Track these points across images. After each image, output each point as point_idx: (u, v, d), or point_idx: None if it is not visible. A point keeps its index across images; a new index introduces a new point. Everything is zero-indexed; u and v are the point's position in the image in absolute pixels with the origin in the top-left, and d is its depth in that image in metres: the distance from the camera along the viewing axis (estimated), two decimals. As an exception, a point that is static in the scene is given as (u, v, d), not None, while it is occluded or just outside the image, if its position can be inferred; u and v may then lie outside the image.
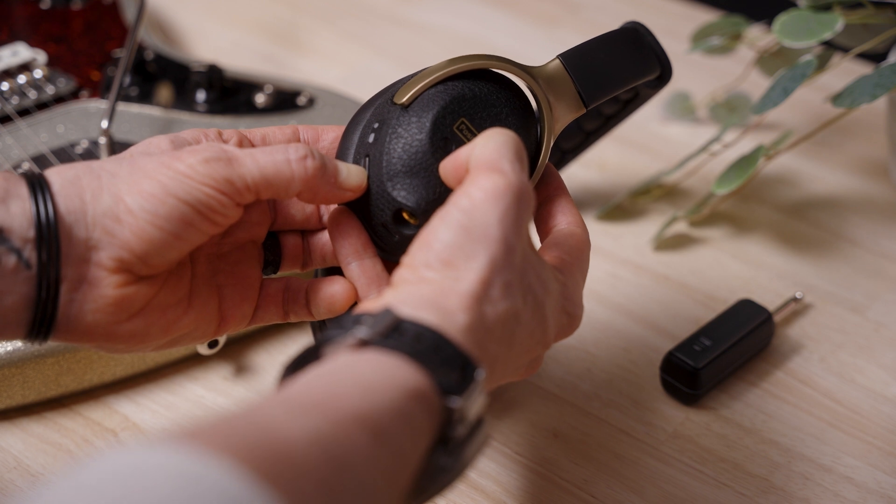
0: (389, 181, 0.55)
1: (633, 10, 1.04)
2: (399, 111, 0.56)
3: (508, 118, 0.57)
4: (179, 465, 0.37)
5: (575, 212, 0.58)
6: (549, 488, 0.64)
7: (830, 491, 0.64)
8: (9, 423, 0.67)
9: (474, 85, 0.57)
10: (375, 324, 0.47)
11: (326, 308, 0.58)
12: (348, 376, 0.45)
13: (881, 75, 0.71)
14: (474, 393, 0.47)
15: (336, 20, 1.03)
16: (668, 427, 0.67)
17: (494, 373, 0.50)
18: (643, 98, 0.70)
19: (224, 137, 0.57)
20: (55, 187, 0.51)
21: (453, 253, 0.49)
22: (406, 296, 0.48)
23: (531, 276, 0.51)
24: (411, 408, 0.44)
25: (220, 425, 0.40)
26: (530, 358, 0.54)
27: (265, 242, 0.59)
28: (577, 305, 0.55)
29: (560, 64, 0.59)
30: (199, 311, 0.56)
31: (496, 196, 0.49)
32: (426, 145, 0.55)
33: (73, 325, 0.52)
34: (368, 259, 0.57)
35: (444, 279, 0.49)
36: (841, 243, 0.80)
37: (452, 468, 0.46)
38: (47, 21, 0.89)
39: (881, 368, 0.71)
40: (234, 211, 0.53)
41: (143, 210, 0.51)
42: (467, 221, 0.49)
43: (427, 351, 0.46)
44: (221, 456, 0.37)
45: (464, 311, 0.48)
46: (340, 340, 0.47)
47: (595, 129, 0.75)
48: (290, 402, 0.43)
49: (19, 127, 0.78)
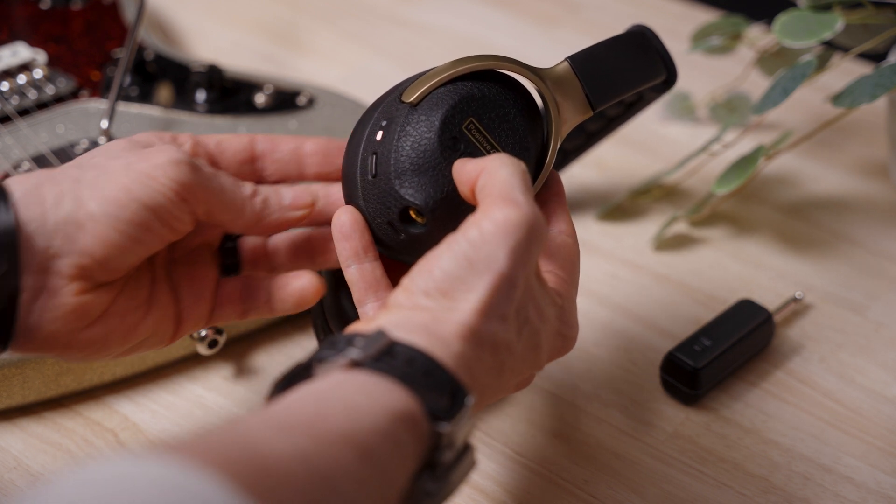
0: (397, 179, 0.55)
1: (633, 9, 1.04)
2: (408, 109, 0.56)
3: (516, 119, 0.57)
4: (162, 475, 0.37)
5: (569, 220, 0.57)
6: (549, 488, 0.64)
7: (830, 491, 0.64)
8: (9, 423, 0.67)
9: (483, 85, 0.57)
10: (367, 346, 0.46)
11: (295, 303, 0.58)
12: (337, 396, 0.45)
13: (881, 75, 0.71)
14: (463, 419, 0.46)
15: (336, 20, 1.03)
16: (668, 427, 0.67)
17: (483, 398, 0.50)
18: (647, 101, 0.70)
19: (179, 141, 0.58)
20: (16, 195, 0.51)
21: (453, 284, 0.49)
22: (400, 320, 0.48)
23: (530, 307, 0.51)
24: (399, 430, 0.44)
25: (204, 438, 0.40)
26: (520, 380, 0.54)
27: (223, 246, 0.59)
28: (573, 327, 0.55)
29: (568, 66, 0.58)
30: (158, 315, 0.56)
31: (508, 230, 0.49)
32: (435, 144, 0.55)
33: (32, 336, 0.52)
34: (368, 263, 0.56)
35: (440, 309, 0.49)
36: (841, 243, 0.80)
37: (438, 493, 0.46)
38: (47, 21, 0.89)
39: (881, 368, 0.71)
40: (190, 219, 0.54)
41: (106, 214, 0.51)
42: (473, 254, 0.49)
43: (418, 375, 0.46)
44: (204, 467, 0.37)
45: (457, 340, 0.48)
46: (332, 360, 0.47)
47: (597, 130, 0.75)
48: (276, 419, 0.43)
49: (19, 127, 0.78)
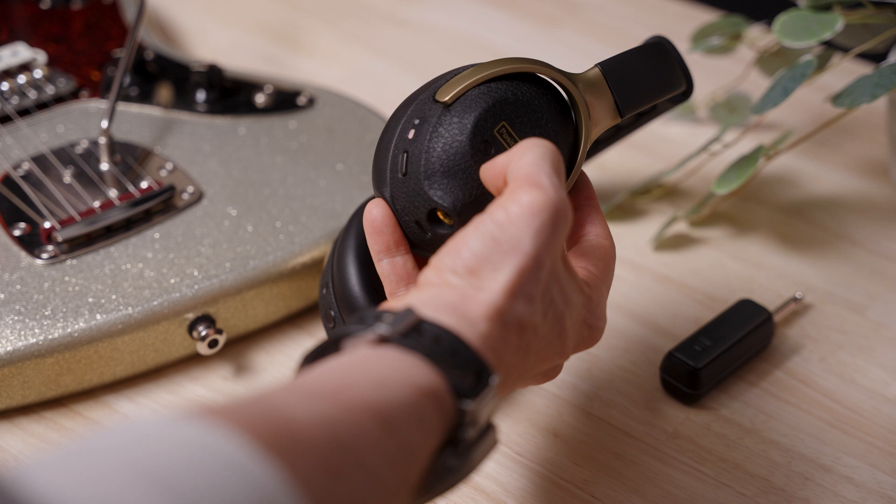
0: (427, 180, 0.55)
1: (634, 10, 1.04)
2: (441, 109, 0.56)
3: (548, 124, 0.57)
4: (185, 434, 0.38)
5: (604, 223, 0.58)
6: (549, 488, 0.64)
7: (830, 491, 0.64)
8: (9, 423, 0.67)
9: (517, 88, 0.57)
10: (396, 322, 0.47)
11: None
12: (364, 369, 0.46)
13: (881, 75, 0.71)
14: (487, 397, 0.47)
15: (336, 20, 1.03)
16: (668, 427, 0.67)
17: (508, 379, 0.51)
18: (660, 111, 0.71)
19: None
20: None
21: (480, 263, 0.49)
22: (429, 298, 0.49)
23: (555, 290, 0.52)
24: (423, 406, 0.45)
25: (230, 404, 0.41)
26: (547, 367, 0.55)
27: None
28: (600, 318, 0.55)
29: (599, 72, 0.59)
30: None
31: (533, 212, 0.50)
32: (466, 147, 0.55)
33: None
34: (400, 256, 0.57)
35: (468, 287, 0.49)
36: (841, 243, 0.80)
37: (460, 469, 0.47)
38: (47, 21, 0.89)
39: (881, 368, 0.71)
40: None
41: None
42: (499, 234, 0.50)
43: (444, 353, 0.47)
44: (227, 427, 0.39)
45: (483, 320, 0.49)
46: (360, 335, 0.47)
47: (606, 138, 0.75)
48: (303, 388, 0.44)
49: (19, 127, 0.78)
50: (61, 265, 0.69)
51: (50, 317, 0.66)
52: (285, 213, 0.73)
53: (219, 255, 0.70)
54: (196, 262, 0.70)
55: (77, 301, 0.67)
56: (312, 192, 0.75)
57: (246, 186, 0.75)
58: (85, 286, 0.68)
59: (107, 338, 0.67)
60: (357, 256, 0.61)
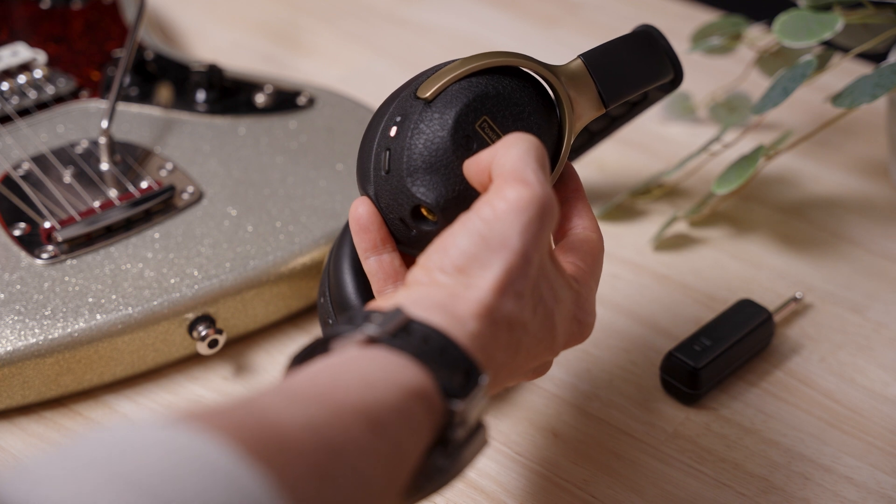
0: (409, 177, 0.55)
1: (634, 10, 1.03)
2: (422, 106, 0.56)
3: (531, 117, 0.57)
4: (169, 439, 0.38)
5: (591, 216, 0.58)
6: (549, 488, 0.64)
7: (830, 491, 0.64)
8: (9, 423, 0.67)
9: (497, 82, 0.57)
10: (385, 322, 0.47)
11: None
12: (351, 370, 0.45)
13: (881, 75, 0.71)
14: (476, 397, 0.47)
15: (336, 20, 1.03)
16: (668, 427, 0.67)
17: (498, 377, 0.51)
18: (651, 101, 0.70)
19: None
20: None
21: (468, 261, 0.49)
22: (418, 297, 0.49)
23: (543, 286, 0.51)
24: (412, 406, 0.45)
25: (216, 408, 0.41)
26: (537, 364, 0.54)
27: None
28: (589, 313, 0.55)
29: (581, 63, 0.59)
30: None
31: (520, 208, 0.49)
32: (448, 143, 0.55)
33: None
34: (387, 254, 0.57)
35: (457, 285, 0.49)
36: (841, 243, 0.80)
37: (450, 469, 0.47)
38: (47, 21, 0.89)
39: (881, 368, 0.71)
40: None
41: None
42: (487, 231, 0.49)
43: (433, 353, 0.47)
44: (212, 432, 0.38)
45: (472, 318, 0.48)
46: (349, 335, 0.47)
47: (600, 129, 0.75)
48: (291, 391, 0.44)
49: (19, 127, 0.78)
50: (61, 265, 0.69)
51: (50, 317, 0.66)
52: (285, 213, 0.73)
53: (219, 255, 0.70)
54: (196, 262, 0.70)
55: (77, 301, 0.67)
56: (312, 192, 0.75)
57: (246, 186, 0.75)
58: (85, 286, 0.68)
59: (107, 338, 0.67)
60: (352, 265, 0.61)
